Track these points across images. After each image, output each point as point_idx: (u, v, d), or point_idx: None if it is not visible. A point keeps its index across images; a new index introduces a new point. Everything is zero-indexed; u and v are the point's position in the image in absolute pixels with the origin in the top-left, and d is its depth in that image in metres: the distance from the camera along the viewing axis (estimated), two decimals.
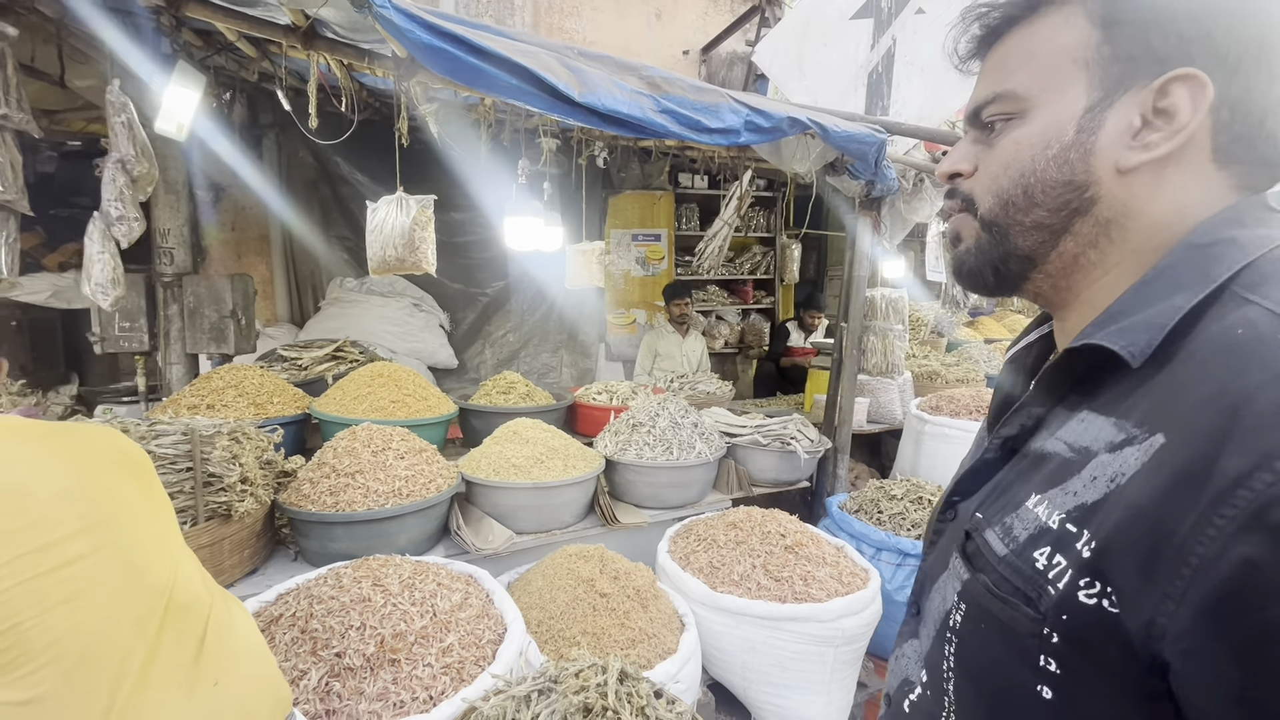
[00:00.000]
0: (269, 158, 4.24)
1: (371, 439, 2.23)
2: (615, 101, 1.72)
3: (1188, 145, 0.48)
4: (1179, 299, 0.45)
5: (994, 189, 0.55)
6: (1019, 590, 0.48)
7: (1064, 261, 0.54)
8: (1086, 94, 0.51)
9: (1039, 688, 0.46)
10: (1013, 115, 0.54)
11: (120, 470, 0.90)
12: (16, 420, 0.86)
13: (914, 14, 2.93)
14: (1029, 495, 0.50)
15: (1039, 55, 0.53)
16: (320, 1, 1.48)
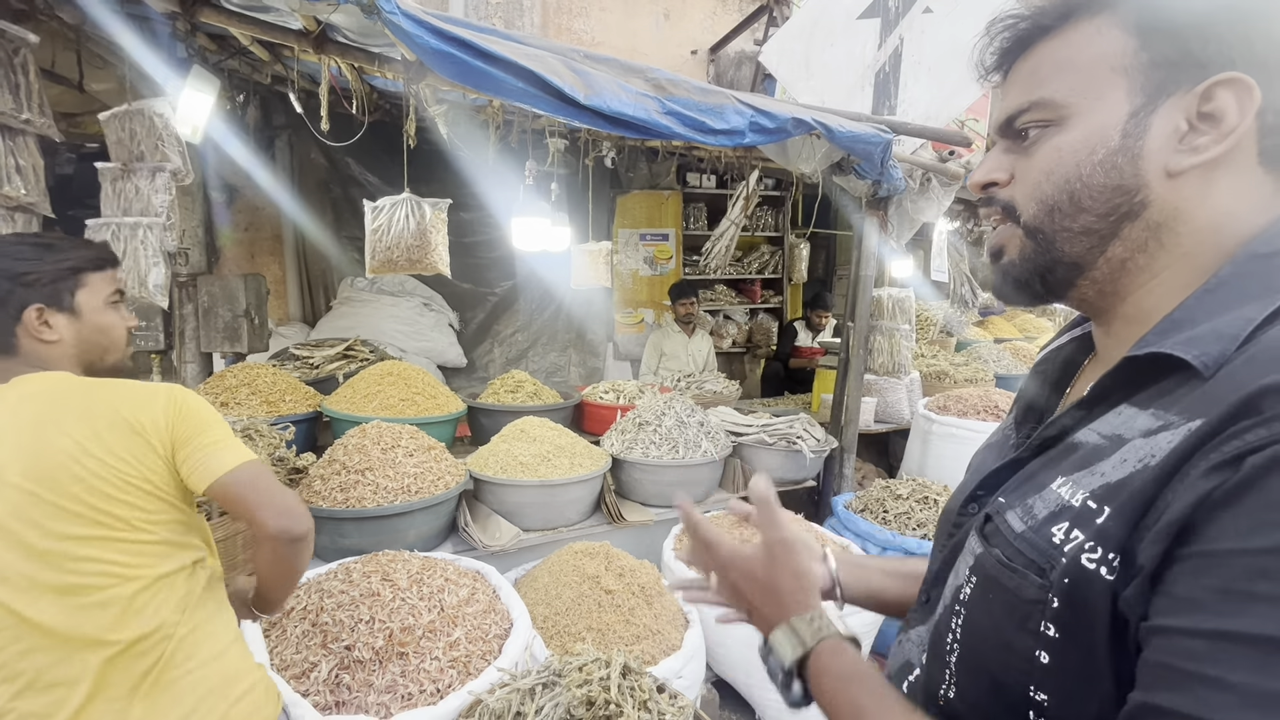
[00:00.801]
0: (281, 159, 4.29)
1: (381, 437, 2.27)
2: (620, 104, 1.74)
3: (1237, 148, 0.49)
4: (1250, 310, 0.45)
5: (1037, 195, 0.54)
6: (1032, 562, 0.49)
7: (1112, 267, 0.53)
8: (1128, 100, 0.51)
9: (1038, 653, 0.48)
10: (1050, 123, 0.54)
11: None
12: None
13: (922, 13, 2.93)
14: (1054, 479, 0.51)
15: (1075, 63, 0.53)
16: (331, 8, 1.52)
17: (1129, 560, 0.43)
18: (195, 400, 1.08)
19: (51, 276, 1.05)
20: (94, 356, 1.09)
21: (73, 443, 0.97)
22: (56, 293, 1.05)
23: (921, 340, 4.80)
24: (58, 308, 1.05)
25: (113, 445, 0.99)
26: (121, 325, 1.13)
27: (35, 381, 1.03)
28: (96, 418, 0.99)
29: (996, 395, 3.46)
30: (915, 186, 2.87)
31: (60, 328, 1.05)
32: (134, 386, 1.03)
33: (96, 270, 1.10)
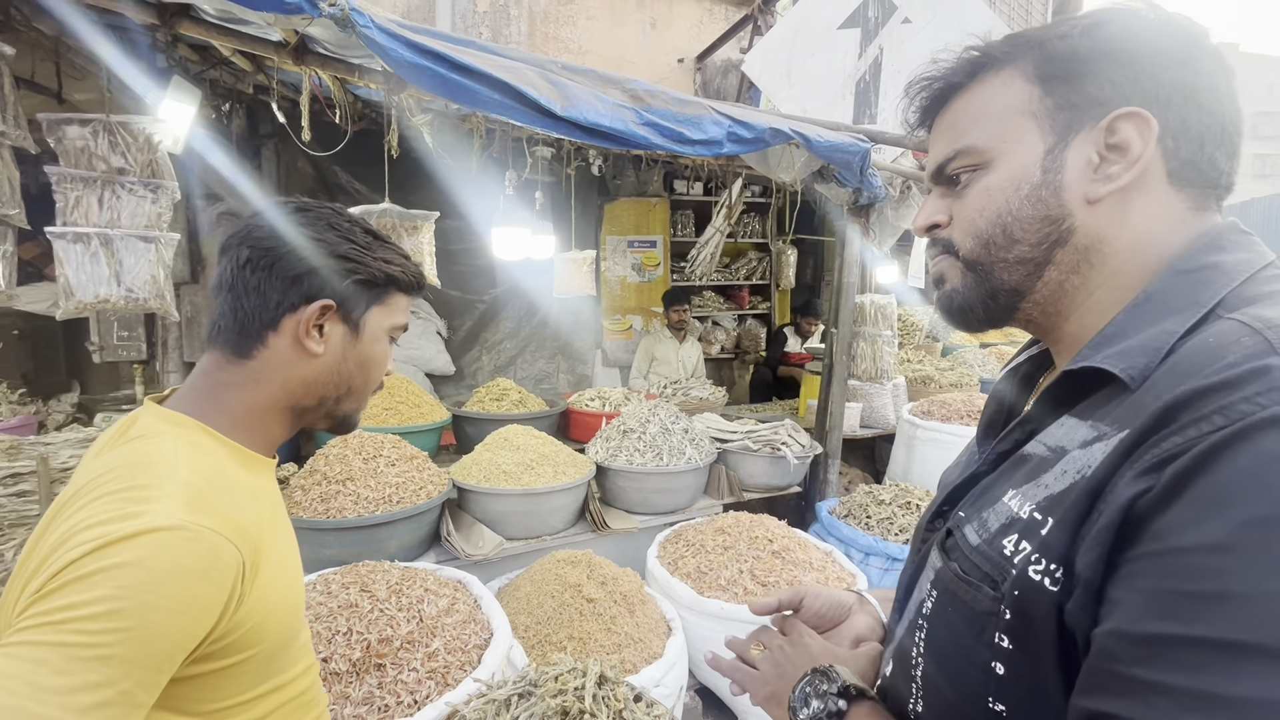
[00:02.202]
0: (268, 168, 4.29)
1: (363, 446, 2.27)
2: (597, 115, 1.75)
3: (1146, 173, 0.53)
4: (1171, 323, 0.49)
5: (972, 231, 0.59)
6: (986, 575, 0.51)
7: (1050, 289, 0.58)
8: (1042, 140, 0.56)
9: (993, 664, 0.49)
10: (977, 167, 0.59)
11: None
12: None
13: (900, 23, 2.96)
14: (1006, 491, 0.54)
15: (989, 113, 0.58)
16: (306, 21, 1.52)
17: (1070, 572, 0.45)
18: (118, 579, 0.58)
19: (368, 275, 0.78)
20: (331, 393, 0.79)
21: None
22: (356, 297, 0.78)
23: (907, 345, 4.83)
24: (345, 316, 0.77)
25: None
26: (384, 367, 0.84)
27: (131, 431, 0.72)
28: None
29: (980, 400, 3.49)
30: (896, 194, 2.90)
31: (331, 342, 0.77)
32: (102, 501, 0.63)
33: (405, 293, 0.83)
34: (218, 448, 0.73)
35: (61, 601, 0.56)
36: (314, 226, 0.76)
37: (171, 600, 0.60)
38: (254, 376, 0.75)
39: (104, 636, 0.56)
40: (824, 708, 0.62)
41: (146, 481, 0.65)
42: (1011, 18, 5.82)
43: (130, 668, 0.57)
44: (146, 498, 0.63)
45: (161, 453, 0.68)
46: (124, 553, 0.59)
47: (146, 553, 0.59)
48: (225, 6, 1.66)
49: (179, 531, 0.61)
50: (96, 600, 0.56)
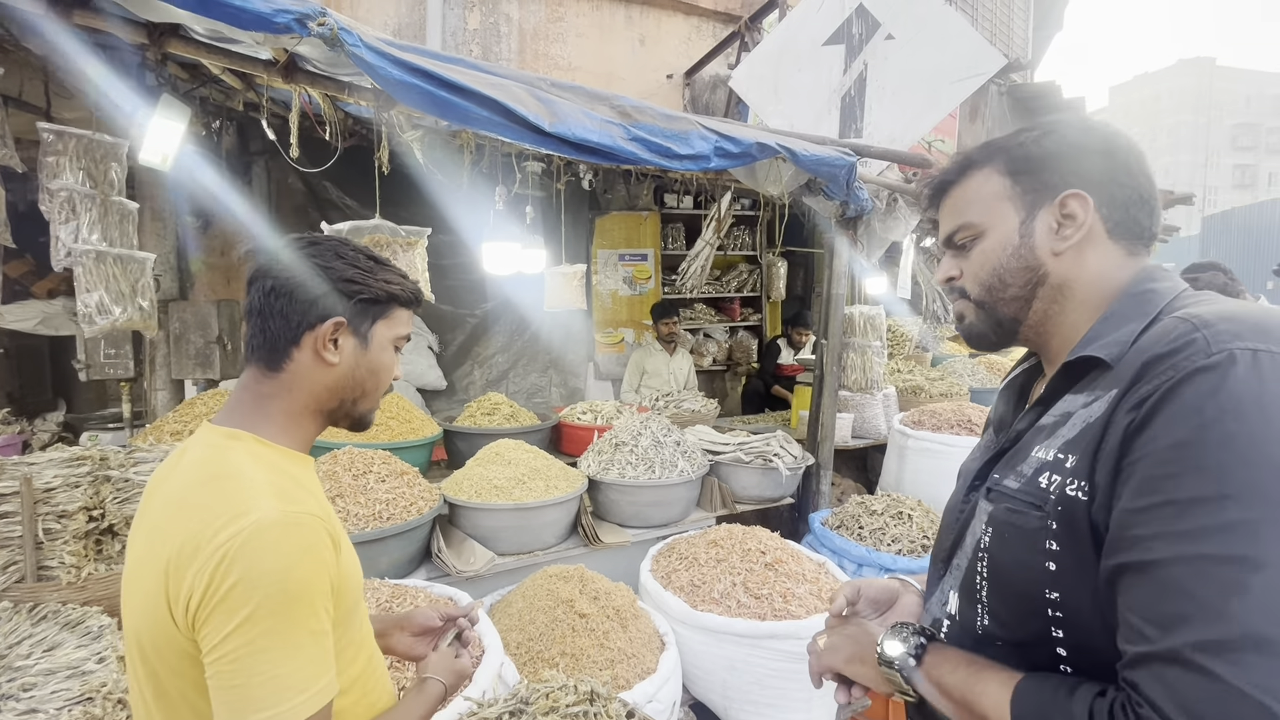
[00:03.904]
0: (258, 184, 4.29)
1: (353, 462, 2.25)
2: (585, 131, 1.77)
3: (1091, 232, 0.77)
4: (1133, 325, 0.72)
5: (978, 281, 0.83)
6: (1029, 503, 0.72)
7: (1038, 316, 0.81)
8: (1016, 215, 0.80)
9: (1046, 563, 0.69)
10: (975, 235, 0.83)
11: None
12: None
13: (884, 40, 3.02)
14: (1033, 449, 0.75)
15: (978, 198, 0.83)
16: (295, 40, 1.54)
17: (1093, 485, 0.66)
18: (261, 569, 0.73)
19: (371, 294, 0.92)
20: (349, 396, 0.92)
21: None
22: (363, 313, 0.92)
23: (897, 356, 4.86)
24: (354, 330, 0.91)
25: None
26: (392, 372, 0.98)
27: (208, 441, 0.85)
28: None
29: (970, 409, 3.51)
30: (882, 206, 2.94)
31: (345, 353, 0.90)
32: (209, 509, 0.76)
33: (405, 306, 0.97)
34: (269, 453, 0.86)
35: (227, 625, 0.71)
36: (323, 256, 0.90)
37: (303, 576, 0.75)
38: (286, 386, 0.89)
39: (269, 639, 0.72)
40: (908, 648, 0.80)
41: (235, 489, 0.77)
42: (994, 34, 5.93)
43: (305, 632, 0.75)
44: (244, 500, 0.76)
45: (233, 463, 0.81)
46: (250, 555, 0.72)
47: (270, 544, 0.74)
48: (215, 26, 1.68)
49: (284, 519, 0.75)
50: (252, 606, 0.72)
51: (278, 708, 0.71)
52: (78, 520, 1.78)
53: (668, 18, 5.29)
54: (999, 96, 6.63)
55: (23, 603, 1.70)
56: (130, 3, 1.65)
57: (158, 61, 2.31)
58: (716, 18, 5.42)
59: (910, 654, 0.79)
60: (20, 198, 4.20)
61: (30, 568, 1.73)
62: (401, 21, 4.43)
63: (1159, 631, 0.58)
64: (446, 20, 4.50)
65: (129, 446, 1.98)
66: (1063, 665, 0.70)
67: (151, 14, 1.73)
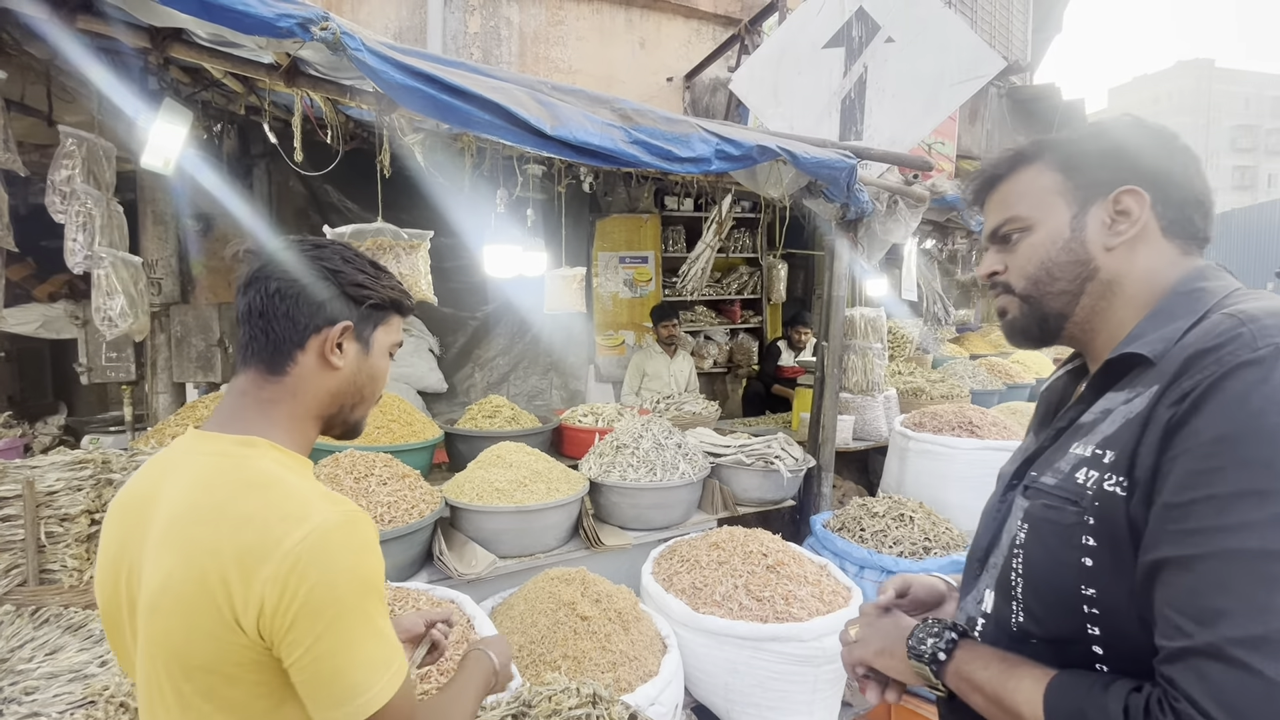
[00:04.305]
0: (259, 187, 4.29)
1: (354, 465, 2.25)
2: (586, 134, 1.77)
3: (1145, 229, 0.77)
4: (1180, 323, 0.71)
5: (1024, 275, 0.82)
6: (1065, 499, 0.72)
7: (1085, 312, 0.80)
8: (1068, 209, 0.80)
9: (1083, 559, 0.69)
10: (1023, 229, 0.82)
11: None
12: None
13: (884, 43, 3.03)
14: (1071, 446, 0.75)
15: (1029, 192, 0.82)
16: (298, 45, 1.54)
17: (1132, 481, 0.66)
18: (337, 568, 0.76)
19: (375, 300, 0.92)
20: (348, 401, 0.93)
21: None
22: (368, 318, 0.92)
23: (898, 358, 4.86)
24: (358, 335, 0.91)
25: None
26: (386, 379, 0.99)
27: (217, 447, 0.83)
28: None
29: (971, 411, 3.51)
30: (883, 209, 2.94)
31: (348, 357, 0.90)
32: (262, 517, 0.77)
33: (401, 313, 0.98)
34: (287, 458, 0.85)
35: (315, 626, 0.74)
36: (331, 260, 0.90)
37: (371, 567, 0.79)
38: (290, 390, 0.88)
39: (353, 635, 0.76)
40: (939, 642, 0.79)
41: (282, 496, 0.78)
42: (993, 37, 5.94)
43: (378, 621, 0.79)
44: (298, 506, 0.77)
45: (266, 471, 0.81)
46: (323, 558, 0.74)
47: (338, 544, 0.76)
48: (218, 30, 1.68)
49: (344, 520, 0.77)
50: (336, 604, 0.74)
51: (373, 687, 0.76)
52: (80, 523, 1.78)
53: (668, 21, 5.30)
54: (998, 99, 6.65)
55: (25, 606, 1.71)
56: (133, 7, 1.66)
57: (160, 66, 2.32)
58: (716, 21, 5.43)
59: (941, 648, 0.79)
60: (21, 201, 4.20)
61: (32, 571, 1.74)
62: (402, 25, 4.44)
63: (1197, 626, 0.57)
64: (447, 24, 4.51)
65: (131, 450, 1.99)
66: (1099, 664, 0.69)
67: (154, 18, 1.74)
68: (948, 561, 2.47)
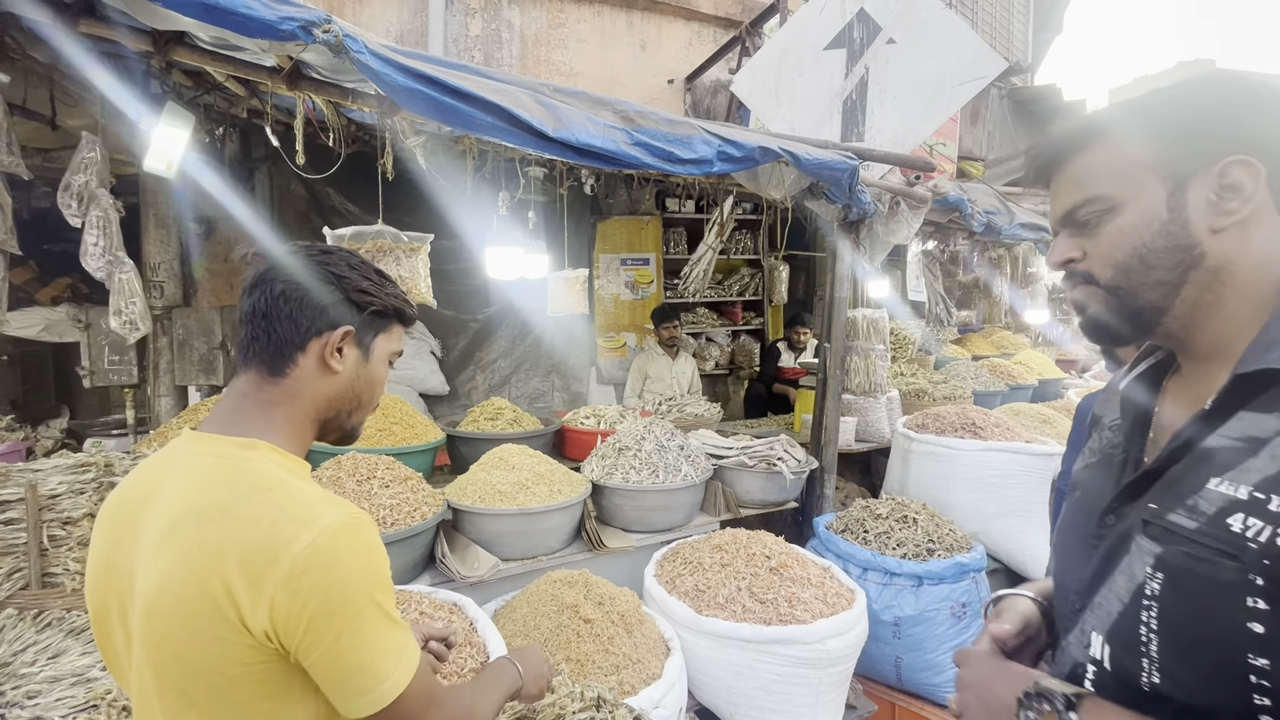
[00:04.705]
0: (261, 190, 4.30)
1: (356, 468, 2.25)
2: (589, 136, 1.78)
3: (1260, 207, 0.66)
4: None
5: (1111, 263, 0.71)
6: (1219, 551, 0.60)
7: (1187, 305, 0.69)
8: (1162, 186, 0.68)
9: (1250, 624, 0.57)
10: (1107, 210, 0.71)
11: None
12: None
13: (885, 44, 3.03)
14: (1207, 480, 0.63)
15: (1111, 167, 0.70)
16: (300, 47, 1.54)
17: None
18: (347, 569, 0.77)
19: (378, 307, 0.93)
20: (345, 406, 0.93)
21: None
22: (369, 325, 0.93)
23: (900, 359, 4.86)
24: (359, 340, 0.92)
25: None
26: (384, 387, 1.00)
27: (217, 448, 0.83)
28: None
29: (974, 412, 3.50)
30: (885, 210, 2.94)
31: (348, 362, 0.91)
32: (269, 520, 0.77)
33: (403, 322, 0.98)
34: (287, 461, 0.86)
35: (333, 625, 0.75)
36: (337, 266, 0.90)
37: (378, 565, 0.80)
38: (289, 393, 0.88)
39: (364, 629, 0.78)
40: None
41: (287, 499, 0.78)
42: (994, 38, 5.94)
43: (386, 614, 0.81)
44: (304, 509, 0.78)
45: (269, 473, 0.81)
46: (333, 560, 0.76)
47: (346, 546, 0.77)
48: (220, 33, 1.69)
49: (349, 521, 0.78)
50: (351, 603, 0.76)
51: (394, 673, 0.79)
52: (82, 527, 1.78)
53: (669, 23, 5.31)
54: (1000, 100, 6.65)
55: (27, 610, 1.70)
56: (136, 10, 1.66)
57: (162, 69, 2.32)
58: (717, 23, 5.44)
59: None
60: (24, 205, 4.22)
61: (35, 575, 1.73)
62: (404, 28, 4.45)
63: None
64: (449, 27, 4.52)
65: (133, 453, 1.99)
66: None
67: (157, 22, 1.74)
68: (951, 564, 2.47)
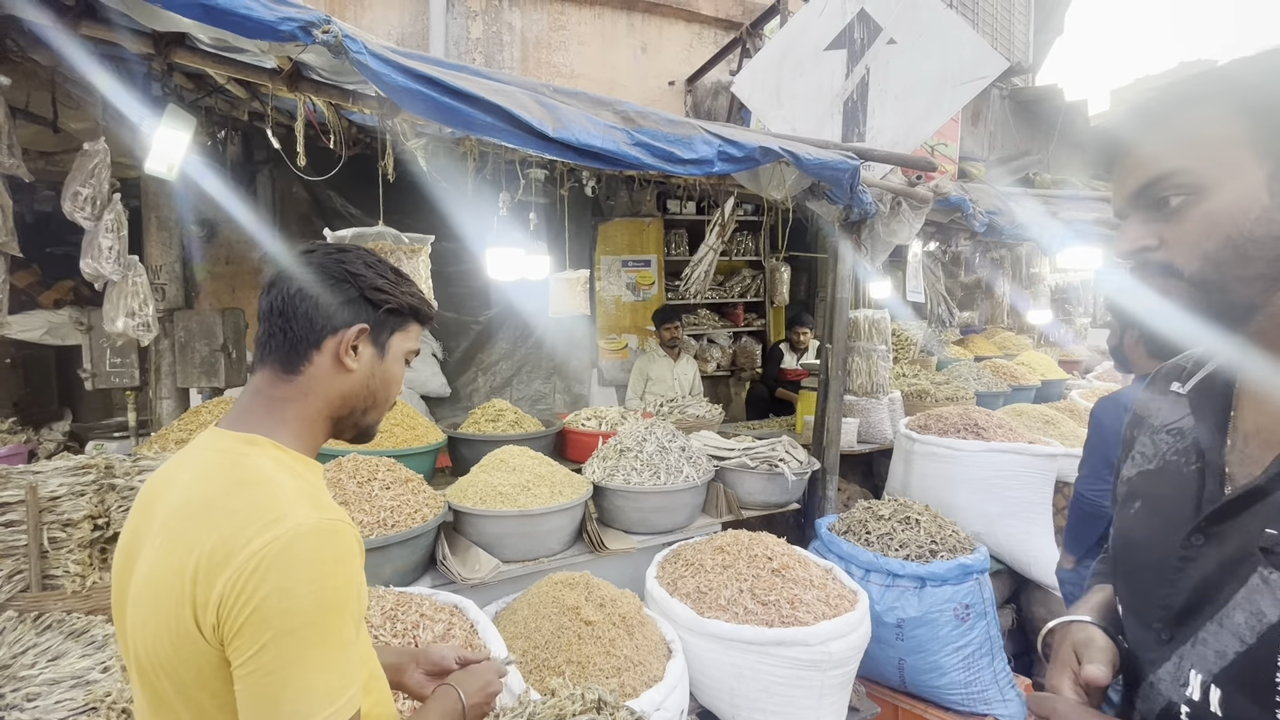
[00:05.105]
0: (263, 193, 4.32)
1: (357, 470, 2.25)
2: (589, 136, 1.77)
3: None
4: None
5: (1199, 253, 0.62)
6: None
7: None
8: (1260, 166, 0.59)
9: None
10: (1194, 192, 0.62)
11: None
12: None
13: (886, 44, 3.02)
14: None
15: (1201, 141, 0.62)
16: (300, 49, 1.54)
17: None
18: (296, 578, 0.72)
19: (395, 305, 0.92)
20: (360, 405, 0.92)
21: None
22: (385, 323, 0.92)
23: (902, 360, 4.84)
24: (374, 339, 0.91)
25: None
26: (400, 385, 0.99)
27: (222, 443, 0.83)
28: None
29: (976, 413, 3.49)
30: (886, 210, 2.93)
31: (362, 360, 0.90)
32: (241, 515, 0.75)
33: (421, 322, 0.98)
34: (288, 458, 0.84)
35: (261, 636, 0.69)
36: (353, 265, 0.90)
37: (338, 583, 0.74)
38: (302, 390, 0.88)
39: (310, 637, 0.72)
40: None
41: (265, 495, 0.76)
42: (995, 38, 5.94)
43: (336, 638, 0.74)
44: (277, 507, 0.75)
45: (259, 469, 0.79)
46: (285, 564, 0.71)
47: (306, 552, 0.72)
48: (220, 35, 1.69)
49: (319, 527, 0.75)
50: (286, 617, 0.70)
51: (311, 719, 0.71)
52: (82, 529, 1.77)
53: (669, 25, 5.32)
54: (1001, 100, 6.64)
55: (27, 612, 1.70)
56: (137, 12, 1.67)
57: (163, 72, 2.32)
58: (718, 24, 5.45)
59: None
60: (26, 208, 4.23)
61: (35, 577, 1.73)
62: (405, 31, 4.46)
63: None
64: (449, 29, 4.53)
65: (134, 455, 1.98)
66: None
67: (158, 24, 1.74)
68: (954, 565, 2.45)
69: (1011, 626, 3.37)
